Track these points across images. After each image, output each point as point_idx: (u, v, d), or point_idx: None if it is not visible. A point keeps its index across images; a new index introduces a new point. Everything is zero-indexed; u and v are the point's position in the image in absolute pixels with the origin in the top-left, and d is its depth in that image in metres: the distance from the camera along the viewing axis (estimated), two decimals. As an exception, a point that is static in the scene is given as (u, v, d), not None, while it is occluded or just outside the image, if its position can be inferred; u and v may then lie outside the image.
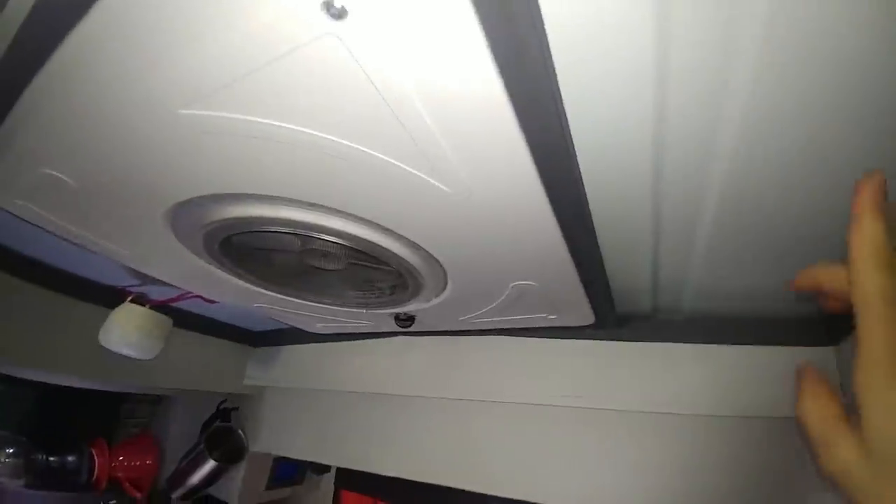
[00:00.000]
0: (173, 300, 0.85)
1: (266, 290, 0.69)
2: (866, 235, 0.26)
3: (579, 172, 0.37)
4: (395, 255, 0.51)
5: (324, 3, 0.23)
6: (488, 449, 0.89)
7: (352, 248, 0.55)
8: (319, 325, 0.94)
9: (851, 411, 0.27)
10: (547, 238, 0.44)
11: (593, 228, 0.46)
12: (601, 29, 0.27)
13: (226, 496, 1.23)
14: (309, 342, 1.14)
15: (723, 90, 0.31)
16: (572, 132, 0.35)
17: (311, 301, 0.72)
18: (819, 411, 0.28)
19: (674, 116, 0.34)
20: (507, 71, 0.26)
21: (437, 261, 0.52)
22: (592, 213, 0.46)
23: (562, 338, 0.81)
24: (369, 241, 0.48)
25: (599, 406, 0.77)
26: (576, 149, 0.37)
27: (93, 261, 0.83)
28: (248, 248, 0.59)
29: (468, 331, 0.88)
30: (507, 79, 0.26)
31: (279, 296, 0.71)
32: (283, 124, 0.32)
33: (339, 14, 0.23)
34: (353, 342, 1.06)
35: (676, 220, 0.50)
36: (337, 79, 0.27)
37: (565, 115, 0.33)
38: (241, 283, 0.67)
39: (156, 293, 0.87)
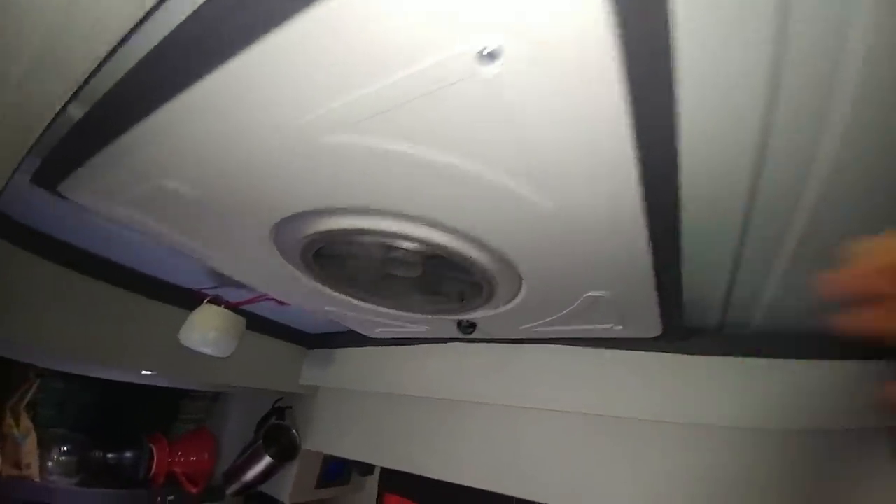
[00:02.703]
0: (247, 302, 0.90)
1: (343, 294, 0.73)
2: None
3: (680, 192, 0.39)
4: (477, 262, 0.53)
5: (478, 53, 0.26)
6: (540, 457, 0.90)
7: (434, 255, 0.58)
8: (379, 329, 0.98)
9: None
10: (633, 252, 0.46)
11: (680, 246, 0.48)
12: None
13: (278, 493, 1.27)
14: (362, 346, 1.18)
15: (829, 98, 0.32)
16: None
17: (382, 306, 0.76)
18: None
19: (782, 114, 0.34)
20: (637, 93, 0.28)
21: (517, 270, 0.55)
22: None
23: (622, 349, 0.81)
24: (457, 251, 0.51)
25: (657, 418, 0.78)
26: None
27: (170, 265, 0.89)
28: (337, 256, 0.64)
29: (525, 339, 0.90)
30: (636, 102, 0.29)
31: (353, 300, 0.75)
32: (411, 145, 0.35)
33: (489, 59, 0.26)
34: (406, 347, 1.09)
35: (762, 238, 0.51)
36: (472, 108, 0.31)
37: (679, 135, 0.35)
38: (320, 287, 0.71)
39: (230, 295, 0.93)
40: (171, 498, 1.24)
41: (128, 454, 1.20)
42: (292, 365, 1.26)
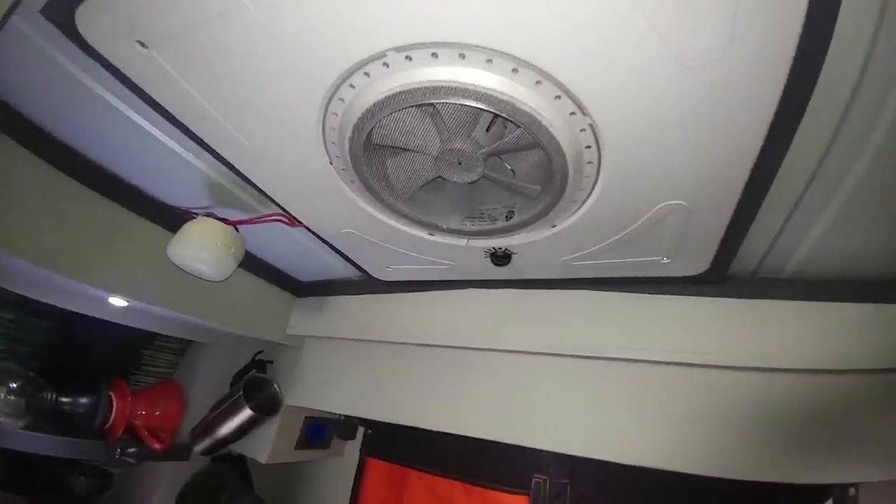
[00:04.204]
0: (252, 222, 0.80)
1: (377, 209, 0.66)
2: None
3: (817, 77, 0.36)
4: (560, 141, 0.47)
5: None
6: (554, 404, 0.86)
7: (501, 151, 0.53)
8: (391, 268, 0.90)
9: None
10: (744, 142, 0.43)
11: (779, 168, 0.45)
12: None
13: (253, 452, 1.17)
14: (359, 293, 1.10)
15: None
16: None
17: (416, 226, 0.69)
18: None
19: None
20: None
21: (600, 159, 0.49)
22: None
23: (653, 293, 0.79)
24: (542, 117, 0.45)
25: (684, 362, 0.76)
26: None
27: (163, 173, 0.78)
28: (387, 149, 0.56)
29: (548, 282, 0.86)
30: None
31: (383, 217, 0.68)
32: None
33: None
34: (410, 294, 1.02)
35: (827, 178, 0.51)
36: None
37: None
38: (353, 196, 0.64)
39: (223, 216, 0.82)
40: (130, 451, 1.10)
41: (83, 400, 1.04)
42: (280, 312, 1.16)
